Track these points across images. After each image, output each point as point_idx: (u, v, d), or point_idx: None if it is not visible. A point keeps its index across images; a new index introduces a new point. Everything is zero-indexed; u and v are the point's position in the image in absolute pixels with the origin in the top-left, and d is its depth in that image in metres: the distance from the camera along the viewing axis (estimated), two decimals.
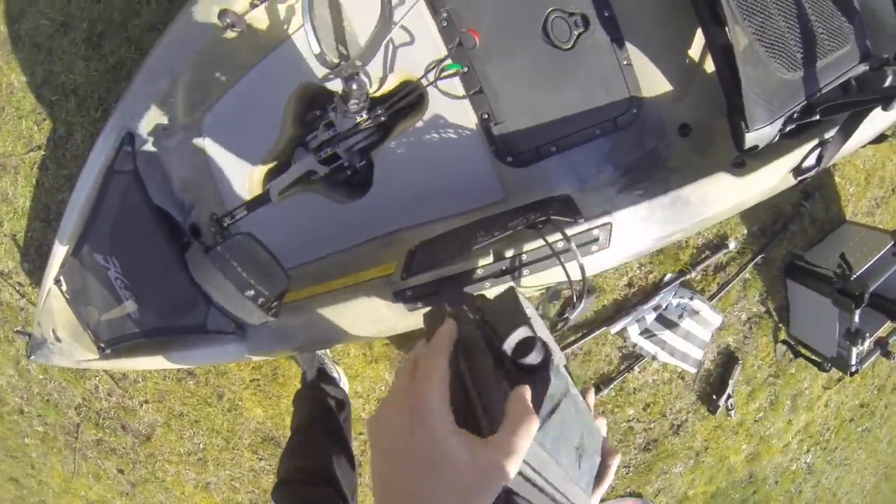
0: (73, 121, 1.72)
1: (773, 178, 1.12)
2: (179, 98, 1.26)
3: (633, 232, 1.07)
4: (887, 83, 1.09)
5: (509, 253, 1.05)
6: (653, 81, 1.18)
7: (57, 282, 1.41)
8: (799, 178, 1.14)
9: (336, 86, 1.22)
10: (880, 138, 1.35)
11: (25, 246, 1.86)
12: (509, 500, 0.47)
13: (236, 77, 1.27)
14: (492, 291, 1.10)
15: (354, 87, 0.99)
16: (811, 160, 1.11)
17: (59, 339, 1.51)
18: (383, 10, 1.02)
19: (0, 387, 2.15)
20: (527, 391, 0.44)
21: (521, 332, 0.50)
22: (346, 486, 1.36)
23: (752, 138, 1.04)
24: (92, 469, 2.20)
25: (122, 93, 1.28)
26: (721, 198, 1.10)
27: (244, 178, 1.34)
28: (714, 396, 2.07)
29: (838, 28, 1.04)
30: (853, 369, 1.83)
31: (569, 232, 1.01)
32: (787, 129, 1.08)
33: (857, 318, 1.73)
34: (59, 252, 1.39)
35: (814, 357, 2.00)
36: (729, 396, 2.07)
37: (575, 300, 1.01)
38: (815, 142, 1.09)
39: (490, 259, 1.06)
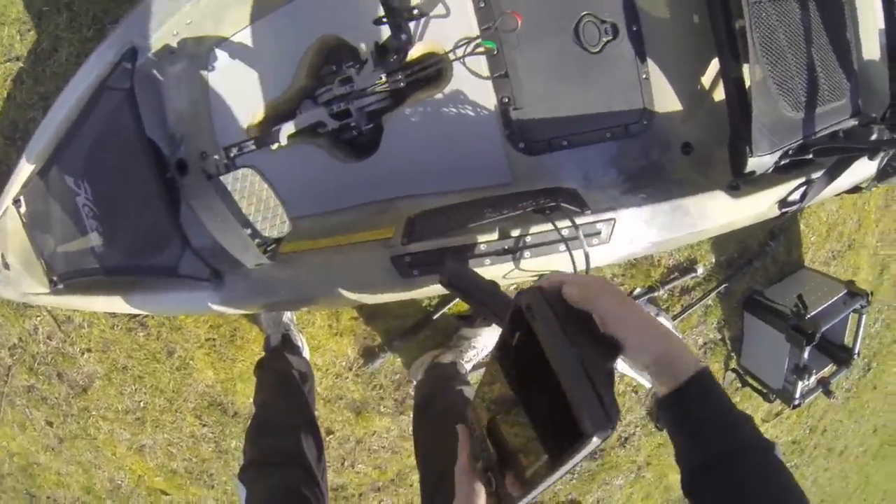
0: (62, 36, 1.64)
1: (762, 205, 1.22)
2: (196, 22, 1.23)
3: (633, 232, 1.14)
4: (873, 138, 1.23)
5: (515, 233, 1.10)
6: (665, 98, 1.28)
7: (16, 202, 1.34)
8: (782, 210, 1.26)
9: (360, 40, 1.24)
10: (855, 189, 1.49)
11: None
12: None
13: (258, 14, 1.26)
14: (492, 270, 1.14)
15: (403, 37, 1.01)
16: (796, 195, 1.22)
17: (7, 266, 1.42)
18: None
19: None
20: None
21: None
22: (316, 465, 1.35)
23: (752, 164, 1.15)
24: (18, 418, 2.07)
25: (134, 4, 1.21)
26: (716, 214, 1.19)
27: (244, 119, 1.34)
28: None
29: (838, 83, 1.18)
30: (796, 402, 1.98)
31: (576, 221, 1.06)
32: (782, 163, 1.20)
33: (806, 355, 1.88)
34: (25, 169, 1.31)
35: (760, 387, 2.15)
36: None
37: None
38: (803, 179, 1.20)
39: (495, 236, 1.10)
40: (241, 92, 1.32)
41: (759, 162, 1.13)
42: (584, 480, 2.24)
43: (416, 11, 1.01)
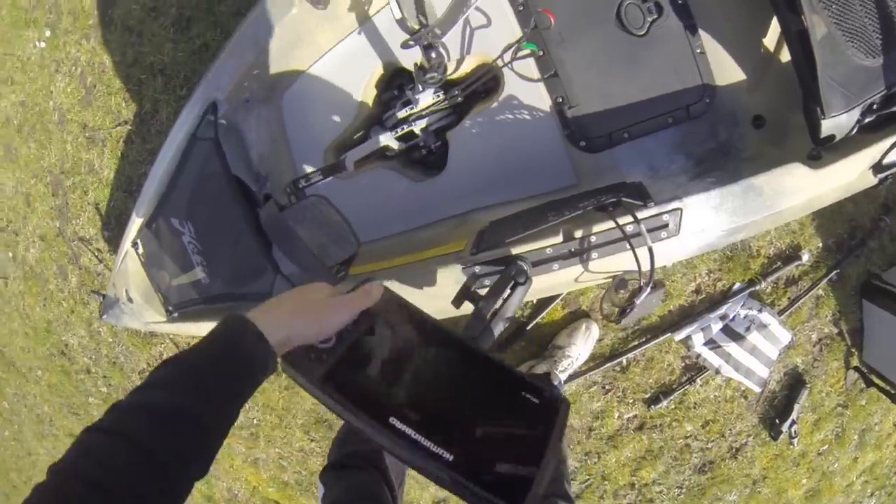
0: (160, 98, 1.89)
1: (851, 173, 1.11)
2: (262, 72, 1.37)
3: (702, 220, 1.09)
4: None
5: (578, 234, 1.09)
6: (726, 70, 1.22)
7: (134, 245, 1.56)
8: (880, 177, 1.13)
9: (413, 63, 1.32)
10: None
11: (107, 215, 2.05)
12: None
13: (317, 55, 1.38)
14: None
15: (433, 55, 1.08)
16: (893, 157, 1.09)
17: (130, 300, 1.65)
18: None
19: (72, 346, 2.37)
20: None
21: None
22: (395, 473, 1.42)
23: (828, 126, 1.05)
24: None
25: (209, 65, 1.39)
26: (795, 190, 1.10)
27: (320, 152, 1.46)
28: (777, 421, 2.02)
29: None
30: None
31: (638, 215, 1.04)
32: (867, 120, 1.08)
33: None
34: (138, 216, 1.53)
35: (887, 388, 1.94)
36: (793, 423, 2.02)
37: (642, 285, 1.04)
38: None
39: (559, 239, 1.10)
40: (315, 126, 1.45)
41: (836, 123, 1.03)
42: (693, 496, 2.12)
43: (437, 30, 1.06)
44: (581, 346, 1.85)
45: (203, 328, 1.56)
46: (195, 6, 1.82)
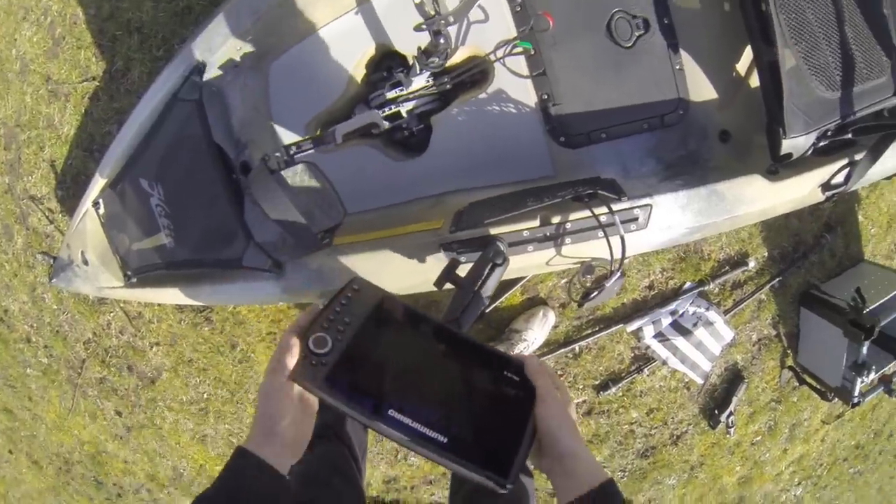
0: (134, 57, 1.85)
1: (803, 189, 1.28)
2: (256, 38, 1.39)
3: (669, 218, 1.23)
4: None
5: (555, 220, 1.20)
6: (700, 88, 1.36)
7: (95, 204, 1.53)
8: (826, 195, 1.30)
9: (408, 49, 1.38)
10: None
11: (63, 173, 1.99)
12: None
13: (313, 28, 1.42)
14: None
15: (441, 41, 1.15)
16: (839, 178, 1.26)
17: (86, 262, 1.60)
18: None
19: (11, 312, 2.27)
20: None
21: None
22: (358, 444, 1.48)
23: (787, 145, 1.21)
24: (90, 408, 2.30)
25: (201, 25, 1.39)
26: (753, 199, 1.25)
27: (302, 125, 1.50)
28: (716, 411, 2.22)
29: (877, 60, 1.21)
30: (855, 401, 1.97)
31: (613, 208, 1.16)
32: (821, 144, 1.24)
33: (864, 351, 1.87)
34: (104, 173, 1.51)
35: (818, 386, 2.15)
36: (731, 413, 2.21)
37: (612, 270, 1.15)
38: (845, 161, 1.24)
39: (536, 223, 1.21)
40: (299, 99, 1.48)
41: (795, 143, 1.18)
42: (635, 479, 2.29)
43: (450, 18, 1.14)
44: (537, 331, 1.98)
45: (162, 295, 1.56)
46: None
